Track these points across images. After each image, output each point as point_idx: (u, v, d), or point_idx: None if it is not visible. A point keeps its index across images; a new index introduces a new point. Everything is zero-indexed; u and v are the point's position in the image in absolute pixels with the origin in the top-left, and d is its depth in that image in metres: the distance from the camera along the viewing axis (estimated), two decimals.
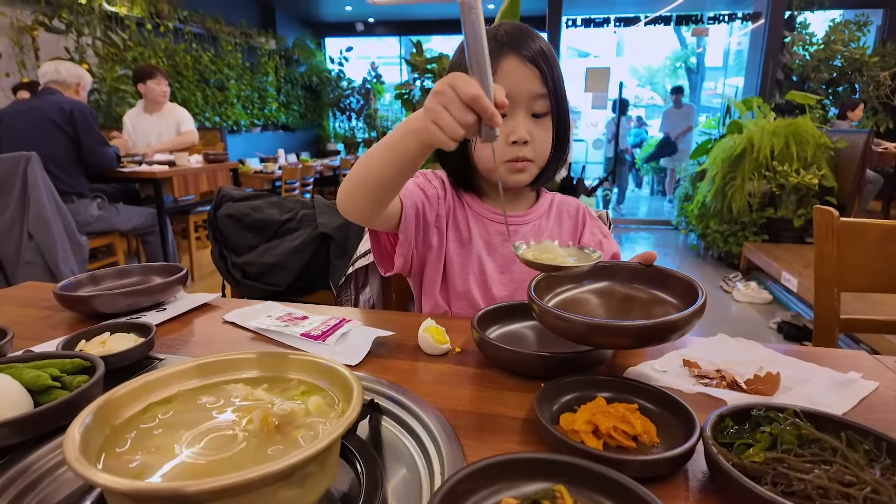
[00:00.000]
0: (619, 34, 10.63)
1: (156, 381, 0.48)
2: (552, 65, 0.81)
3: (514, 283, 0.92)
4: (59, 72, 2.92)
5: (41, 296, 0.92)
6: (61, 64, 2.98)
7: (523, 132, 0.80)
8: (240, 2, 8.26)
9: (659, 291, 0.66)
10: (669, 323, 0.53)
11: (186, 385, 0.50)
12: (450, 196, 0.93)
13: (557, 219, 0.96)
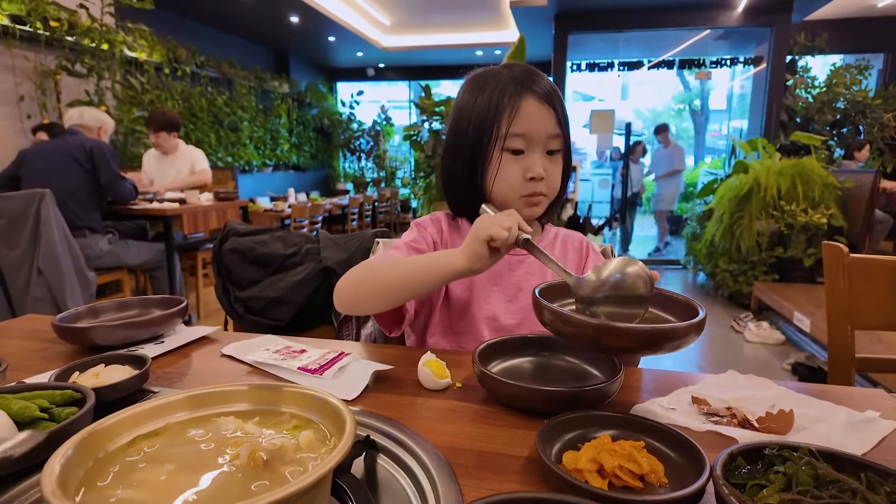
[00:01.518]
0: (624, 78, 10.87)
1: (144, 413, 0.47)
2: (561, 104, 0.87)
3: (522, 312, 0.92)
4: (83, 116, 3.09)
5: (41, 328, 0.91)
6: (86, 110, 3.16)
7: (540, 169, 0.85)
8: (255, 48, 8.58)
9: (662, 312, 0.70)
10: (670, 330, 0.59)
11: (176, 417, 0.48)
12: (447, 237, 0.96)
13: (563, 250, 0.98)
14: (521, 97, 0.84)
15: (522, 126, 0.83)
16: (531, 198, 0.87)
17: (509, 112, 0.83)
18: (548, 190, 0.88)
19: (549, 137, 0.85)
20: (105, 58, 4.98)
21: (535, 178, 0.85)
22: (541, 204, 0.89)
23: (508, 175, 0.86)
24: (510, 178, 0.86)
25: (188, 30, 7.02)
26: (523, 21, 7.24)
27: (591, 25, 7.19)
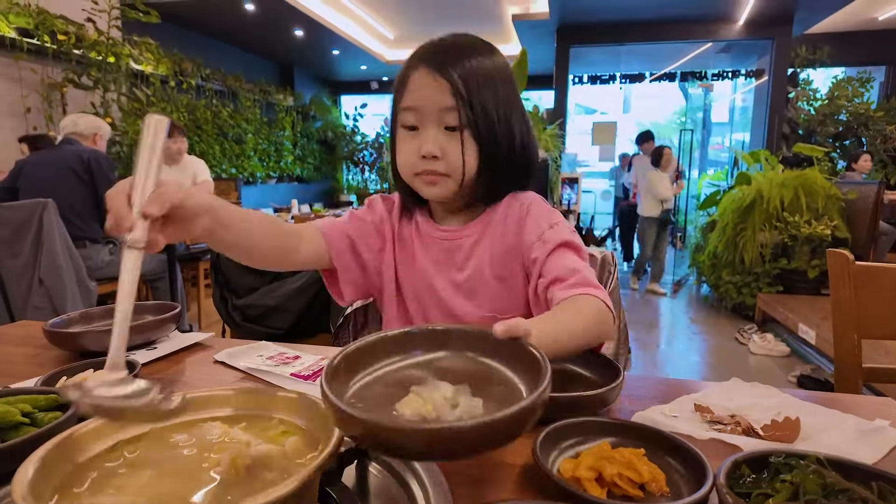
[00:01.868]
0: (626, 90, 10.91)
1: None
2: (471, 76, 0.76)
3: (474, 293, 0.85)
4: (77, 124, 3.03)
5: (35, 334, 0.90)
6: (80, 117, 3.10)
7: (431, 146, 0.76)
8: (260, 61, 8.66)
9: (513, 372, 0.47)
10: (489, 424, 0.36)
11: (164, 422, 0.47)
12: (395, 217, 0.90)
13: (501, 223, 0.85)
14: (413, 69, 0.77)
15: (411, 99, 0.77)
16: (426, 176, 0.79)
17: (401, 86, 0.78)
18: (447, 169, 0.78)
19: (444, 111, 0.76)
20: (111, 70, 5.03)
21: (426, 155, 0.77)
22: (440, 184, 0.79)
23: (404, 152, 0.80)
24: (405, 156, 0.80)
25: (194, 43, 7.10)
26: (525, 34, 7.30)
27: (593, 39, 7.24)
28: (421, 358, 0.51)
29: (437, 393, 0.44)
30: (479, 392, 0.45)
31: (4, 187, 2.92)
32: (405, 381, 0.47)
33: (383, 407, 0.44)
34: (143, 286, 3.51)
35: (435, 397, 0.43)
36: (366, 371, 0.50)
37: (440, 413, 0.42)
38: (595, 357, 0.72)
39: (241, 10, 6.46)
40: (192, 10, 6.26)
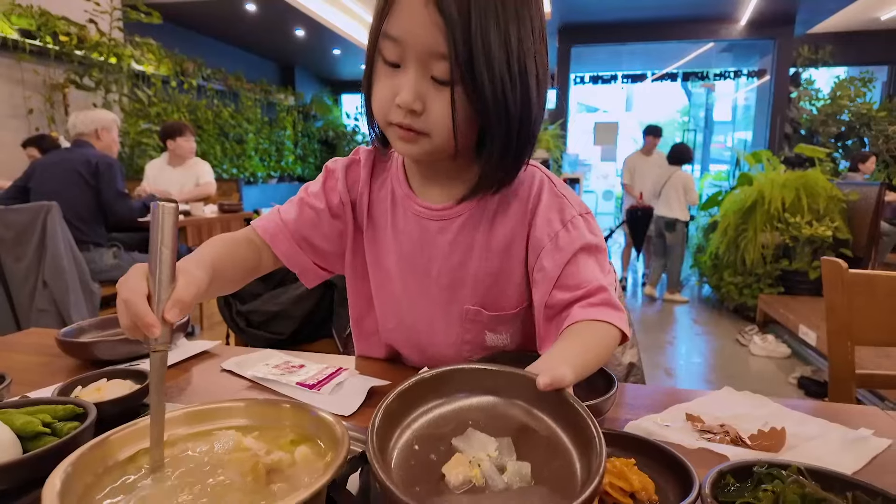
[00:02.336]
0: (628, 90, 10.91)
1: (145, 429, 0.48)
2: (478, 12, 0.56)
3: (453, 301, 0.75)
4: (76, 125, 3.02)
5: (45, 342, 0.93)
6: (78, 115, 3.07)
7: (408, 96, 0.59)
8: (261, 61, 8.69)
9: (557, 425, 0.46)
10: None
11: (176, 433, 0.49)
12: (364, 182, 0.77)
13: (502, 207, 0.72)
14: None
15: (396, 26, 0.59)
16: (400, 129, 0.63)
17: (388, 4, 0.59)
18: (428, 127, 0.61)
19: (432, 56, 0.58)
20: (113, 71, 5.06)
21: (402, 105, 0.60)
22: (416, 142, 0.63)
23: (379, 91, 0.63)
24: (380, 96, 0.63)
25: (195, 43, 7.12)
26: None
27: (594, 38, 7.25)
28: (463, 403, 0.49)
29: (482, 452, 0.43)
30: (524, 448, 0.44)
31: (18, 186, 2.96)
32: (448, 434, 0.46)
33: (432, 468, 0.43)
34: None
35: (481, 458, 0.43)
36: (406, 422, 0.48)
37: (489, 479, 0.41)
38: None
39: (242, 10, 6.49)
40: (193, 10, 6.29)
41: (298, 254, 0.75)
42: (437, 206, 0.73)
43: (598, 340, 0.59)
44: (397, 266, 0.76)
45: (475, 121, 0.62)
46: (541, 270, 0.68)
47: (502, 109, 0.60)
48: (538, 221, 0.70)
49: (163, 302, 0.48)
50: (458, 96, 0.59)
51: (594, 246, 0.68)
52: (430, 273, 0.74)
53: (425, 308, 0.76)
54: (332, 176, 0.78)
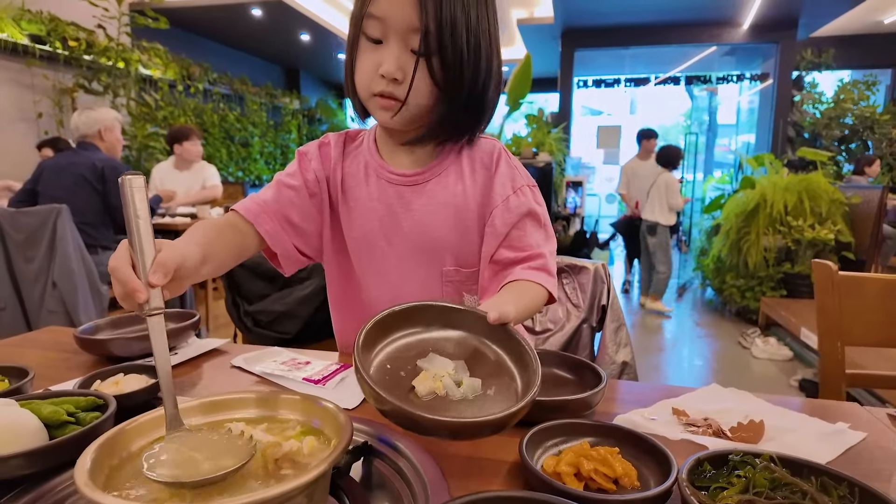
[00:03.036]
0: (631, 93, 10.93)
1: (160, 418, 0.51)
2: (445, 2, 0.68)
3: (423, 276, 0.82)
4: (79, 127, 3.00)
5: (61, 340, 0.97)
6: (80, 115, 3.04)
7: (391, 66, 0.70)
8: (267, 65, 8.76)
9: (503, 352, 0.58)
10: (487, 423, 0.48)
11: (190, 422, 0.53)
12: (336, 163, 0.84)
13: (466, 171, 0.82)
14: None
15: (379, 7, 0.69)
16: (382, 98, 0.73)
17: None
18: (404, 95, 0.72)
19: (411, 31, 0.69)
20: (121, 76, 5.13)
21: (385, 75, 0.70)
22: (393, 109, 0.73)
23: (362, 65, 0.73)
24: (363, 69, 0.73)
25: (201, 48, 7.20)
26: (530, 38, 7.35)
27: (597, 42, 7.28)
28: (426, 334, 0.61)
29: (442, 370, 0.55)
30: (476, 369, 0.56)
31: (27, 189, 3.00)
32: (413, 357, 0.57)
33: (402, 382, 0.54)
34: None
35: (442, 374, 0.54)
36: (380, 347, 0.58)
37: (448, 390, 0.53)
38: (583, 364, 0.78)
39: (248, 15, 6.55)
40: (200, 15, 6.36)
41: (280, 233, 0.79)
42: (409, 172, 0.81)
43: (531, 297, 0.71)
44: (378, 233, 0.82)
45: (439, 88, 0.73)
46: (491, 226, 0.79)
47: (458, 74, 0.72)
48: (495, 185, 0.80)
49: (147, 268, 0.52)
50: (430, 65, 0.71)
51: (538, 214, 0.80)
52: (409, 237, 0.82)
53: (408, 271, 0.83)
54: (305, 157, 0.85)
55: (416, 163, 0.82)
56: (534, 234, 0.78)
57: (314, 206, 0.83)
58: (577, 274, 1.12)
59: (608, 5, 6.31)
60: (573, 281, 1.11)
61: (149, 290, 0.51)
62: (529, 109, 6.58)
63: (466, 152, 0.83)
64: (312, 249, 0.84)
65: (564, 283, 1.11)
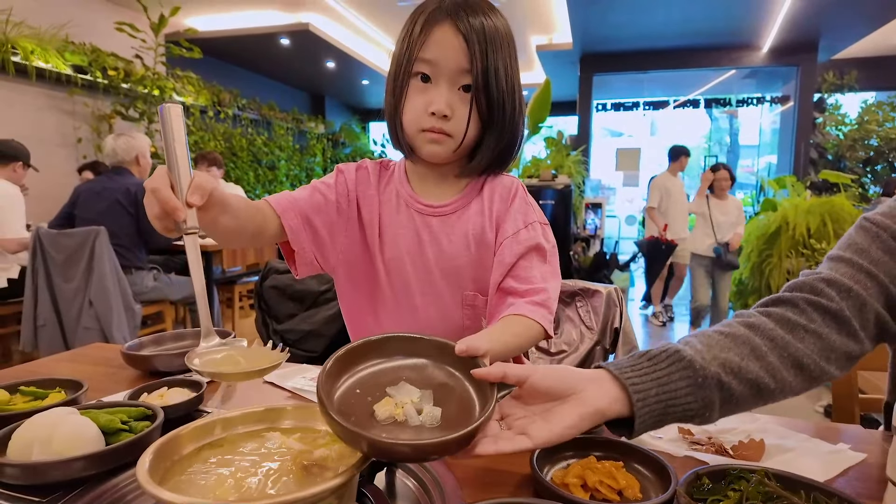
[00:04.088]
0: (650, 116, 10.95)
1: (204, 426, 0.57)
2: (487, 41, 0.77)
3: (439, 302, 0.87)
4: (117, 152, 3.14)
5: (107, 355, 1.04)
6: (116, 141, 3.17)
7: (442, 104, 0.78)
8: (294, 91, 9.04)
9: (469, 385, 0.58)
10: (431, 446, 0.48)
11: (234, 431, 0.59)
12: (365, 186, 0.90)
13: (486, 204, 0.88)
14: (437, 22, 0.78)
15: (430, 52, 0.77)
16: (432, 133, 0.80)
17: (422, 36, 0.78)
18: (453, 130, 0.79)
19: (460, 71, 0.78)
20: (156, 102, 5.36)
21: (436, 113, 0.78)
22: (443, 143, 0.80)
23: (412, 104, 0.80)
24: (414, 108, 0.80)
25: (232, 75, 7.48)
26: (549, 63, 7.47)
27: (616, 67, 7.36)
28: (400, 362, 0.61)
29: (407, 398, 0.55)
30: (441, 399, 0.56)
31: (64, 212, 3.15)
32: (384, 383, 0.58)
33: (364, 410, 0.54)
34: (183, 308, 3.71)
35: (405, 401, 0.54)
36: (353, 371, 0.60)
37: (408, 417, 0.53)
38: None
39: (276, 44, 6.80)
40: (231, 44, 6.63)
41: (302, 233, 0.82)
42: (437, 203, 0.87)
43: (519, 332, 0.73)
44: (405, 258, 0.87)
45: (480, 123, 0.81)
46: (500, 255, 0.83)
47: (501, 112, 0.81)
48: (508, 218, 0.86)
49: (184, 190, 0.57)
50: (474, 102, 0.79)
51: (545, 250, 0.84)
52: (433, 263, 0.87)
53: (430, 295, 0.87)
54: (341, 174, 0.90)
55: (443, 195, 0.89)
56: (538, 267, 0.82)
57: (339, 221, 0.87)
58: (590, 297, 1.16)
59: (626, 32, 6.40)
60: (587, 304, 1.15)
61: (186, 209, 0.57)
62: (548, 132, 6.66)
63: (488, 187, 0.89)
64: (326, 260, 0.88)
65: (578, 307, 1.14)
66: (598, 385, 0.58)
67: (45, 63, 4.58)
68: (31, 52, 4.45)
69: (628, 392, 0.57)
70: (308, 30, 6.16)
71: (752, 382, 0.60)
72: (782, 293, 0.69)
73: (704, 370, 0.58)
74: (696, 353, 0.60)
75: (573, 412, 0.55)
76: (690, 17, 5.86)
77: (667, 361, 0.59)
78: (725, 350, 0.61)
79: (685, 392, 0.58)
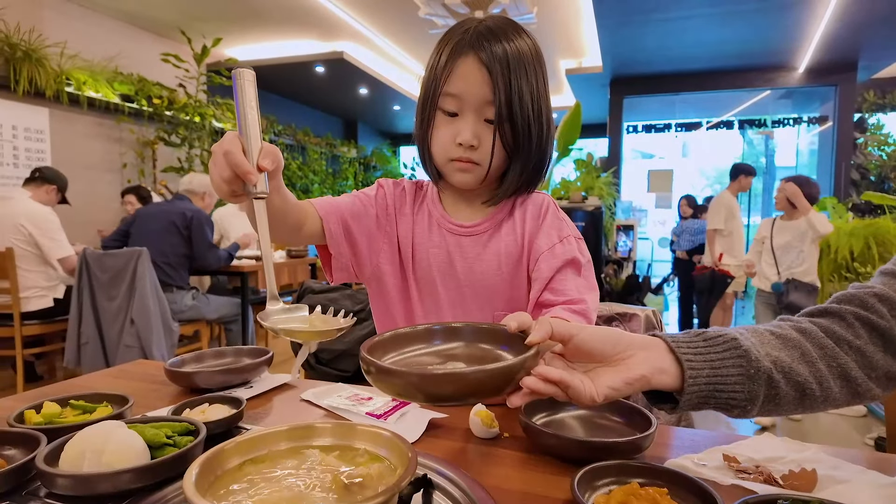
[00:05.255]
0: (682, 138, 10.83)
1: (247, 442, 0.58)
2: (510, 69, 0.78)
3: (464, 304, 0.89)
4: (192, 183, 3.51)
5: (148, 372, 1.07)
6: (195, 176, 3.59)
7: (468, 135, 0.80)
8: (327, 118, 9.29)
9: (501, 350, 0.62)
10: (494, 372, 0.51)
11: (277, 447, 0.59)
12: (400, 202, 0.93)
13: (518, 223, 0.89)
14: (461, 56, 0.79)
15: (455, 87, 0.79)
16: (460, 163, 0.82)
17: (446, 70, 0.80)
18: (480, 158, 0.82)
19: (485, 103, 0.79)
20: (196, 129, 5.59)
21: (463, 144, 0.80)
22: (471, 171, 0.83)
23: (440, 135, 0.83)
24: (441, 140, 0.83)
25: (269, 101, 7.74)
26: (579, 87, 7.49)
27: (647, 89, 7.33)
28: (440, 347, 0.64)
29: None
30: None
31: (121, 230, 3.35)
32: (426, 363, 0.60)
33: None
34: (218, 328, 3.79)
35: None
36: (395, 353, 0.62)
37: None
38: (633, 410, 0.80)
39: (312, 72, 7.03)
40: (268, 72, 6.88)
41: (341, 237, 0.85)
42: (468, 223, 0.89)
43: None
44: (436, 277, 0.89)
45: (506, 151, 0.83)
46: (537, 271, 0.84)
47: (527, 139, 0.82)
48: (541, 234, 0.87)
49: (255, 154, 0.58)
50: (499, 132, 0.80)
51: (581, 263, 0.85)
52: (463, 282, 0.88)
53: (462, 316, 0.89)
54: (382, 189, 0.94)
55: (474, 215, 0.91)
56: (575, 280, 0.83)
57: (377, 234, 0.90)
58: (628, 321, 1.14)
59: (658, 55, 6.39)
60: (625, 328, 1.13)
61: (260, 174, 0.59)
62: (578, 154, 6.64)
63: (519, 205, 0.91)
64: (361, 269, 0.91)
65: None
66: (649, 353, 0.59)
67: (96, 93, 4.83)
68: (84, 82, 4.71)
69: (682, 367, 0.57)
70: (343, 58, 6.35)
71: (799, 386, 0.60)
72: (829, 304, 0.68)
73: (758, 363, 0.58)
74: (752, 346, 0.59)
75: (617, 376, 0.57)
76: (723, 39, 5.82)
77: (723, 346, 0.59)
78: (777, 349, 0.61)
79: (735, 381, 0.58)
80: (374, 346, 0.59)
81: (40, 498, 0.60)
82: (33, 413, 0.75)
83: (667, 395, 0.61)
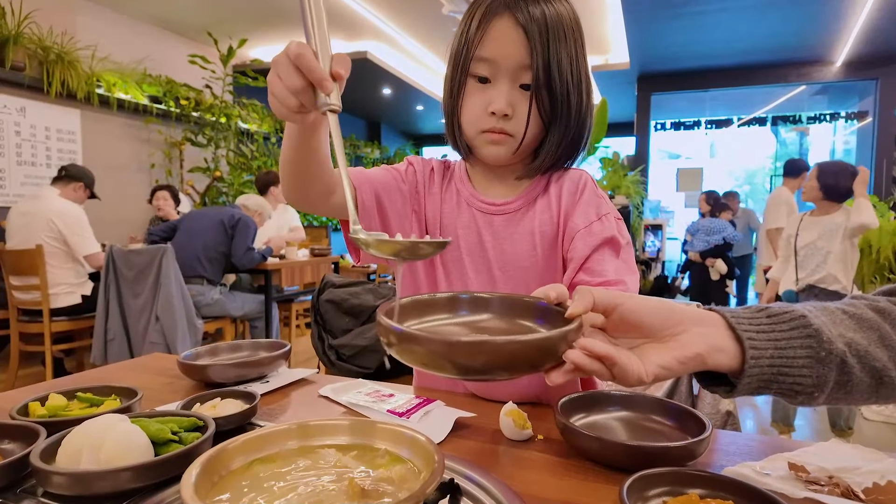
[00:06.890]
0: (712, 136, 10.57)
1: (255, 440, 0.53)
2: (549, 32, 0.71)
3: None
4: (248, 201, 3.70)
5: (165, 366, 1.03)
6: (251, 197, 3.81)
7: (502, 103, 0.73)
8: (351, 119, 9.33)
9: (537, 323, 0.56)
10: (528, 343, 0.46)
11: (286, 446, 0.54)
12: (429, 180, 0.87)
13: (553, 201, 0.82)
14: (496, 15, 0.72)
15: (489, 49, 0.73)
16: (491, 134, 0.75)
17: (479, 32, 0.73)
18: (513, 129, 0.75)
19: (521, 68, 0.72)
20: (222, 129, 5.65)
21: (496, 112, 0.73)
22: (504, 143, 0.76)
23: (471, 105, 0.76)
24: (472, 109, 0.76)
25: None
26: (605, 84, 7.35)
27: (675, 86, 7.16)
28: (467, 318, 0.59)
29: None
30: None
31: (170, 224, 3.46)
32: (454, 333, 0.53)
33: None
34: (243, 325, 3.79)
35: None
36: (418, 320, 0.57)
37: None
38: (684, 412, 0.72)
39: None
40: None
41: (374, 209, 0.81)
42: (500, 201, 0.83)
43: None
44: (466, 258, 0.84)
45: (542, 121, 0.76)
46: (573, 250, 0.77)
47: (566, 107, 0.75)
48: (578, 211, 0.80)
49: (327, 61, 0.52)
50: (536, 99, 0.74)
51: (620, 244, 0.78)
52: (496, 265, 0.82)
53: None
54: (411, 166, 0.88)
55: (507, 193, 0.84)
56: (613, 261, 0.76)
57: (405, 211, 0.85)
58: None
59: (686, 50, 6.22)
60: None
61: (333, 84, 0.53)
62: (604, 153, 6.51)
63: (554, 181, 0.84)
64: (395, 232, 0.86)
65: None
66: (704, 329, 0.52)
67: (126, 94, 4.91)
68: (114, 84, 4.78)
69: (743, 346, 0.50)
70: (366, 58, 6.34)
71: (876, 372, 0.52)
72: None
73: (831, 344, 0.50)
74: (823, 325, 0.51)
75: (669, 354, 0.50)
76: (755, 33, 5.63)
77: (790, 324, 0.51)
78: (852, 330, 0.53)
79: (803, 363, 0.51)
80: (392, 311, 0.53)
81: (36, 496, 0.55)
82: (37, 405, 0.71)
83: (721, 376, 0.54)
